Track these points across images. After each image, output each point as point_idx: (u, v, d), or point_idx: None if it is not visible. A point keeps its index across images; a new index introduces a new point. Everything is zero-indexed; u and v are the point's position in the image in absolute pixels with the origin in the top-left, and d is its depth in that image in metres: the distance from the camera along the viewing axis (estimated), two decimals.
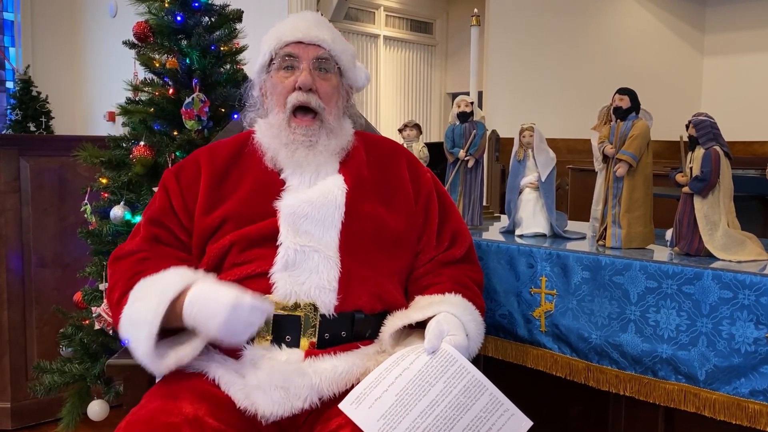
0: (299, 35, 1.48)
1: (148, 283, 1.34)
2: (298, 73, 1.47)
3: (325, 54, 1.49)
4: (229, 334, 1.28)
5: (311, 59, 1.48)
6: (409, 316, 1.42)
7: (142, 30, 2.26)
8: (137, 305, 1.32)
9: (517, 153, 1.87)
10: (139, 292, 1.34)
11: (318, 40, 1.48)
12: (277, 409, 1.29)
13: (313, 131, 1.47)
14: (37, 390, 2.24)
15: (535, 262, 1.64)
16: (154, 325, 1.27)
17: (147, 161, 2.16)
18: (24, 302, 2.89)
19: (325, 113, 1.48)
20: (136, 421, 1.25)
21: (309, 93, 1.46)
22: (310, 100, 1.46)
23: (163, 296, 1.29)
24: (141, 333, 1.29)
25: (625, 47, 6.42)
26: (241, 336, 1.30)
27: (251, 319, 1.28)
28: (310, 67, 1.47)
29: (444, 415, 1.23)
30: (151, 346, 1.28)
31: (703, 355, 1.38)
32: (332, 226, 1.42)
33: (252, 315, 1.27)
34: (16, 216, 2.86)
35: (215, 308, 1.26)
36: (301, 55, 1.48)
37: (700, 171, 1.49)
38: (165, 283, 1.31)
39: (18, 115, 6.67)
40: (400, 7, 7.91)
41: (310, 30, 1.49)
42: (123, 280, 1.39)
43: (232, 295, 1.26)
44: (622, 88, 1.64)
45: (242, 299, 1.26)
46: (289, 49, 1.48)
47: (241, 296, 1.27)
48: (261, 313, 1.29)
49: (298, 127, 1.47)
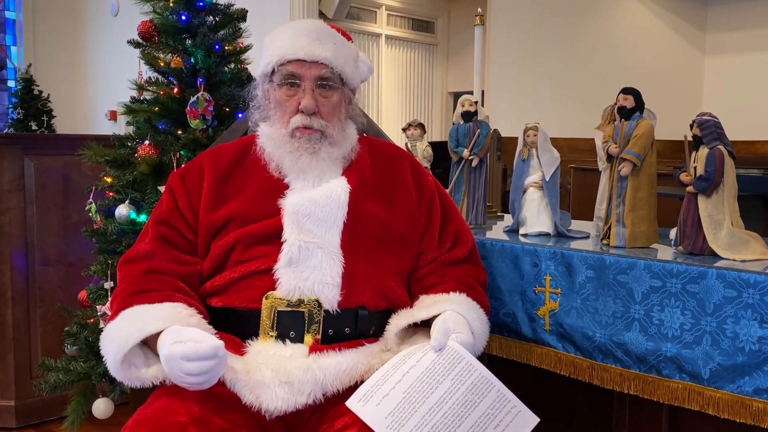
0: (301, 54, 1.46)
1: (139, 311, 1.34)
2: (300, 93, 1.47)
3: (328, 72, 1.48)
4: (179, 383, 1.26)
5: (314, 79, 1.47)
6: (414, 314, 1.43)
7: (147, 29, 2.27)
8: (120, 325, 1.34)
9: (521, 152, 1.87)
10: (128, 313, 1.35)
11: (320, 58, 1.47)
12: (281, 405, 1.30)
13: (315, 139, 1.48)
14: (42, 388, 2.24)
15: (539, 261, 1.65)
16: (122, 350, 1.29)
17: (152, 160, 2.16)
18: (28, 300, 2.89)
19: (328, 130, 1.49)
20: (143, 421, 1.26)
21: (312, 116, 1.47)
22: (312, 124, 1.47)
23: (142, 329, 1.30)
24: (110, 350, 1.32)
25: (627, 46, 6.42)
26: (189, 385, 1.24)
27: (188, 370, 1.21)
28: (313, 87, 1.47)
29: (452, 412, 1.24)
30: (117, 365, 1.31)
31: (707, 353, 1.38)
32: (335, 226, 1.44)
33: (187, 366, 1.21)
34: (20, 215, 2.86)
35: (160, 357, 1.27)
36: (304, 75, 1.47)
37: (705, 170, 1.49)
38: (149, 317, 1.31)
39: (20, 114, 6.68)
40: (401, 6, 7.91)
41: (312, 47, 1.47)
42: (126, 293, 1.40)
43: (166, 348, 1.24)
44: (626, 88, 1.65)
45: (173, 349, 1.23)
46: (291, 68, 1.47)
47: (173, 346, 1.23)
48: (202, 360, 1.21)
49: (302, 136, 1.48)
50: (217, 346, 1.22)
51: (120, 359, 1.30)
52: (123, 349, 1.29)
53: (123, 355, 1.29)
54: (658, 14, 6.64)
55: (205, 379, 1.23)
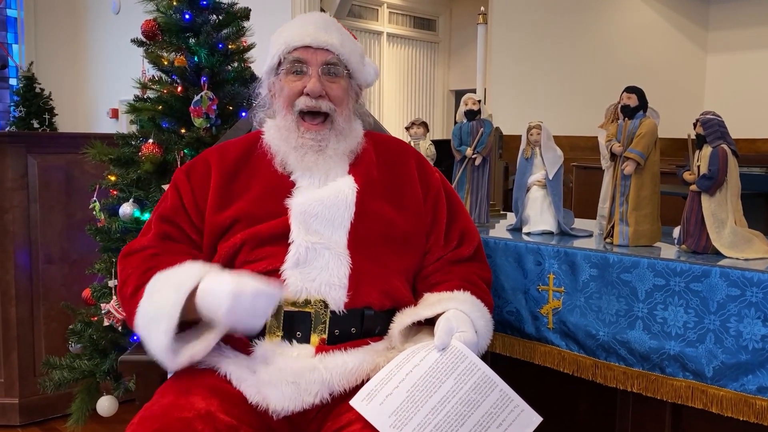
0: (308, 40, 1.47)
1: (164, 277, 1.34)
2: (306, 78, 1.47)
3: (334, 59, 1.48)
4: (236, 322, 1.27)
5: (320, 64, 1.47)
6: (418, 313, 1.43)
7: (151, 28, 2.27)
8: (155, 298, 1.32)
9: (524, 151, 1.87)
10: (155, 285, 1.34)
11: (326, 45, 1.47)
12: (288, 404, 1.31)
13: (323, 136, 1.48)
14: (46, 386, 2.25)
15: (542, 260, 1.65)
16: (173, 318, 1.27)
17: (156, 159, 2.17)
18: (32, 299, 2.90)
19: (336, 115, 1.49)
20: (149, 417, 1.26)
21: (318, 99, 1.47)
22: (320, 105, 1.47)
23: (181, 289, 1.29)
24: (159, 326, 1.29)
25: (628, 44, 6.41)
26: (250, 323, 1.28)
27: (256, 305, 1.26)
28: (319, 73, 1.47)
29: (455, 411, 1.25)
30: (170, 339, 1.28)
31: (711, 352, 1.39)
32: (341, 226, 1.44)
33: (256, 301, 1.26)
34: (24, 213, 2.87)
35: (219, 297, 1.26)
36: (310, 60, 1.47)
37: (708, 169, 1.49)
38: (181, 276, 1.32)
39: (21, 112, 6.67)
40: (403, 4, 7.90)
41: (319, 34, 1.48)
42: (136, 274, 1.40)
43: (233, 283, 1.26)
44: (629, 87, 1.65)
45: (243, 286, 1.25)
46: (297, 54, 1.48)
47: (242, 283, 1.26)
48: (267, 297, 1.27)
49: (307, 131, 1.48)
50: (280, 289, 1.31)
51: (172, 333, 1.27)
52: (171, 321, 1.27)
53: (174, 328, 1.27)
54: (659, 12, 6.63)
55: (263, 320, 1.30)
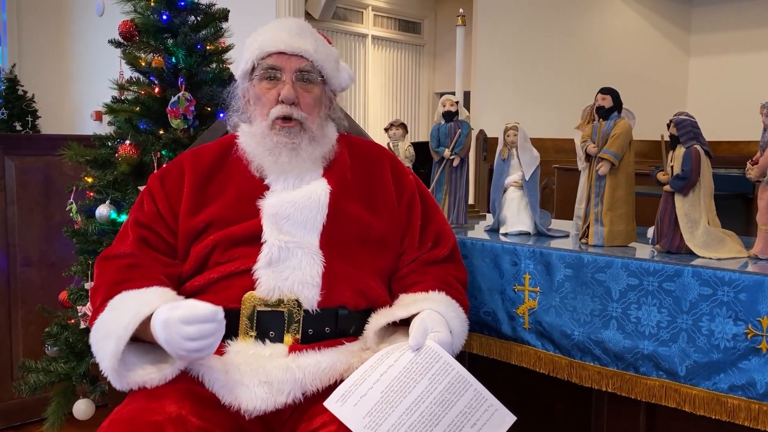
0: (282, 46, 1.47)
1: (131, 297, 1.32)
2: (280, 85, 1.48)
3: (308, 66, 1.49)
4: (174, 351, 1.23)
5: (294, 71, 1.48)
6: (393, 313, 1.43)
7: (128, 29, 2.26)
8: (113, 316, 1.30)
9: (501, 152, 1.88)
10: (116, 303, 1.33)
11: (300, 51, 1.48)
12: (260, 404, 1.30)
13: (295, 133, 1.48)
14: (22, 389, 2.22)
15: (518, 260, 1.65)
16: (122, 340, 1.25)
17: (132, 160, 2.15)
18: (9, 301, 2.87)
19: (307, 122, 1.49)
20: (119, 420, 1.25)
21: (291, 106, 1.47)
22: (292, 113, 1.47)
23: (137, 315, 1.26)
24: (108, 346, 1.27)
25: (612, 47, 6.46)
26: (188, 352, 1.22)
27: (188, 333, 1.20)
28: (293, 79, 1.48)
29: (429, 411, 1.24)
30: (116, 361, 1.25)
31: (684, 351, 1.39)
32: (314, 228, 1.44)
33: (186, 329, 1.20)
34: (2, 215, 2.84)
35: (156, 328, 1.24)
36: (284, 67, 1.48)
37: (681, 170, 1.51)
38: (142, 300, 1.30)
39: (4, 114, 6.61)
40: (388, 6, 7.91)
41: (293, 40, 1.48)
42: (107, 284, 1.39)
43: (164, 313, 1.23)
44: (604, 88, 1.66)
45: (171, 314, 1.22)
46: (271, 61, 1.48)
47: (171, 310, 1.22)
48: (201, 323, 1.21)
49: (281, 129, 1.47)
50: (215, 310, 1.22)
51: (119, 355, 1.25)
52: (120, 343, 1.25)
53: (121, 349, 1.25)
54: (643, 15, 6.69)
55: (205, 344, 1.22)
